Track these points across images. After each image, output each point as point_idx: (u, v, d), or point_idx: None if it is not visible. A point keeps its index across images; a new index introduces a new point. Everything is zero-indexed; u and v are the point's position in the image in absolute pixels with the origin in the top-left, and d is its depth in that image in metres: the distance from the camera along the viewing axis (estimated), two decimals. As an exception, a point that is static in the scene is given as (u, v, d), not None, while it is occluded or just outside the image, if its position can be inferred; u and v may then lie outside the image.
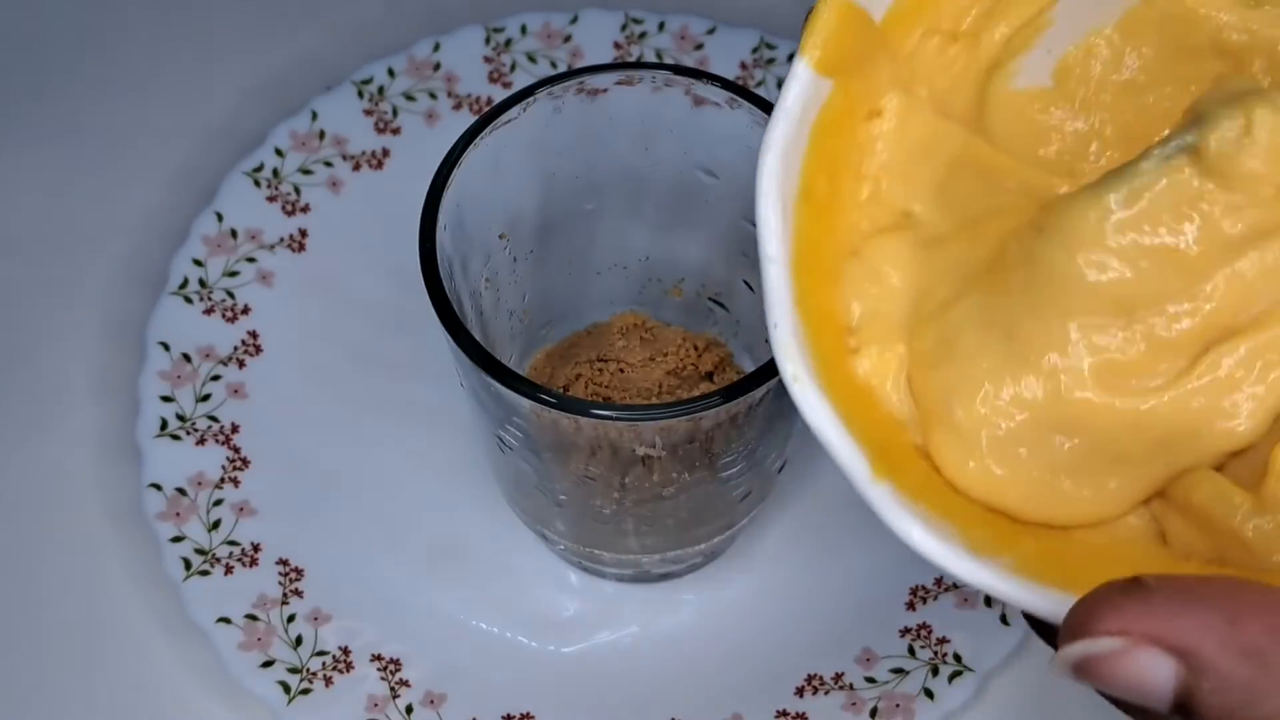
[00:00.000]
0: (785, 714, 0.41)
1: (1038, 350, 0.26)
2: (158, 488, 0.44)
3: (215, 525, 0.44)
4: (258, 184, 0.49)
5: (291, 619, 0.43)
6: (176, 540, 0.43)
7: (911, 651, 0.42)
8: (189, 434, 0.45)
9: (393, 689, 0.42)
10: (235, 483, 0.45)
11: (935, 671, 0.42)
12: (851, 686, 0.42)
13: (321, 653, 0.42)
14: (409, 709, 0.42)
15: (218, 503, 0.44)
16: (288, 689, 0.41)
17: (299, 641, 0.42)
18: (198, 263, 0.47)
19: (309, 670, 0.42)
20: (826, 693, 0.42)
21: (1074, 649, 0.22)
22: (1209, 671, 0.21)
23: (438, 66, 0.51)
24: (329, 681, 0.42)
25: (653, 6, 0.51)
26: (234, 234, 0.48)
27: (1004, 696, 0.43)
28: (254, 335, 0.47)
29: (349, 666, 0.42)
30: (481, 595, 0.44)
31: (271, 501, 0.45)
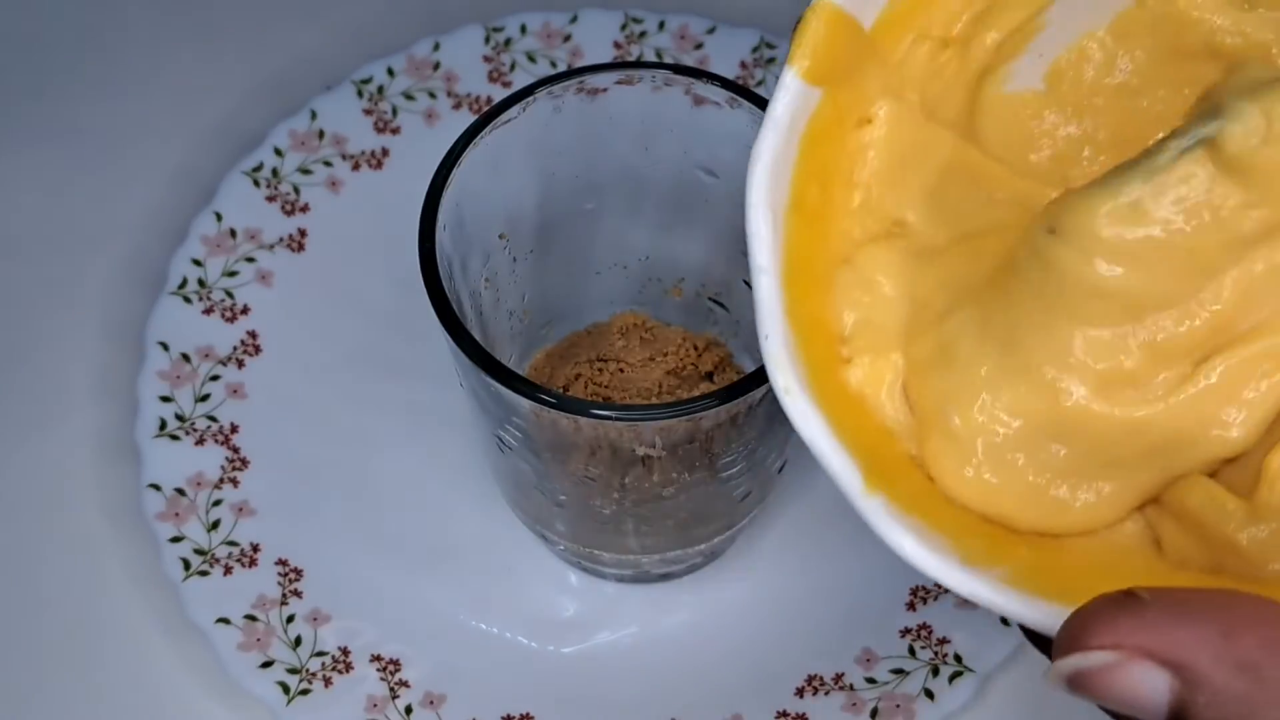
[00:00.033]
0: (785, 714, 0.41)
1: (1038, 358, 0.26)
2: (157, 488, 0.44)
3: (214, 525, 0.44)
4: (257, 184, 0.49)
5: (291, 619, 0.43)
6: (176, 540, 0.43)
7: (912, 652, 0.42)
8: (188, 434, 0.45)
9: (392, 689, 0.42)
10: (234, 483, 0.45)
11: (936, 672, 0.42)
12: (852, 687, 0.42)
13: (321, 653, 0.42)
14: (408, 709, 0.42)
15: (217, 503, 0.44)
16: (287, 689, 0.41)
17: (298, 642, 0.42)
18: (197, 263, 0.47)
19: (308, 671, 0.42)
20: (827, 693, 0.42)
21: (1068, 662, 0.22)
22: (1204, 685, 0.21)
23: (437, 66, 0.51)
24: (328, 682, 0.42)
25: (653, 6, 0.51)
26: (233, 234, 0.48)
27: (1004, 697, 0.42)
28: (253, 335, 0.47)
29: (348, 667, 0.42)
30: (481, 595, 0.44)
31: (271, 502, 0.45)
